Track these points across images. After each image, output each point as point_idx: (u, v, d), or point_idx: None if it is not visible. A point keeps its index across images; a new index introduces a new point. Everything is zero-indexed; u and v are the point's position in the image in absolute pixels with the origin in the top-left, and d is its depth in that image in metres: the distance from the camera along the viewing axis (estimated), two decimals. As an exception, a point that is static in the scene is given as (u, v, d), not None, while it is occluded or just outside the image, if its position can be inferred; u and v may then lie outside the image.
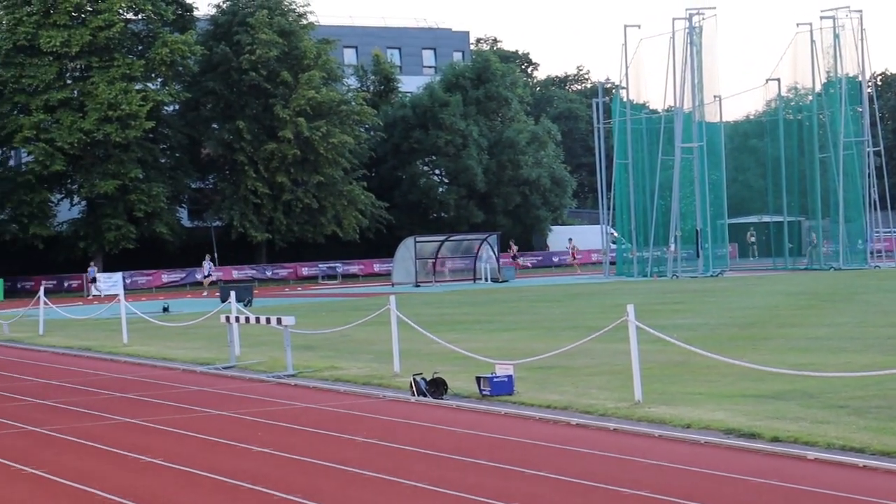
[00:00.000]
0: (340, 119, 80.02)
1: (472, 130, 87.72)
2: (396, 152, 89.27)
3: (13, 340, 34.06)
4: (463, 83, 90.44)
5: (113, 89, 70.92)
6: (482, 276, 66.63)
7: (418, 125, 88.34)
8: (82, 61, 73.23)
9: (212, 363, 24.02)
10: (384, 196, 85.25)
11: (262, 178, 77.81)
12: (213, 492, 11.51)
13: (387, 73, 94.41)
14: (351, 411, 16.82)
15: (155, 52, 73.71)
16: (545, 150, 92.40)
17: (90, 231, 74.19)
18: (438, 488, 11.18)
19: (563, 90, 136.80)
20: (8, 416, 17.55)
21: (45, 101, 71.78)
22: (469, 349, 20.70)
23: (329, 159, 78.52)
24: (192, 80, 78.82)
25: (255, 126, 78.23)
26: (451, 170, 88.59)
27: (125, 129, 71.10)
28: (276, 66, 78.16)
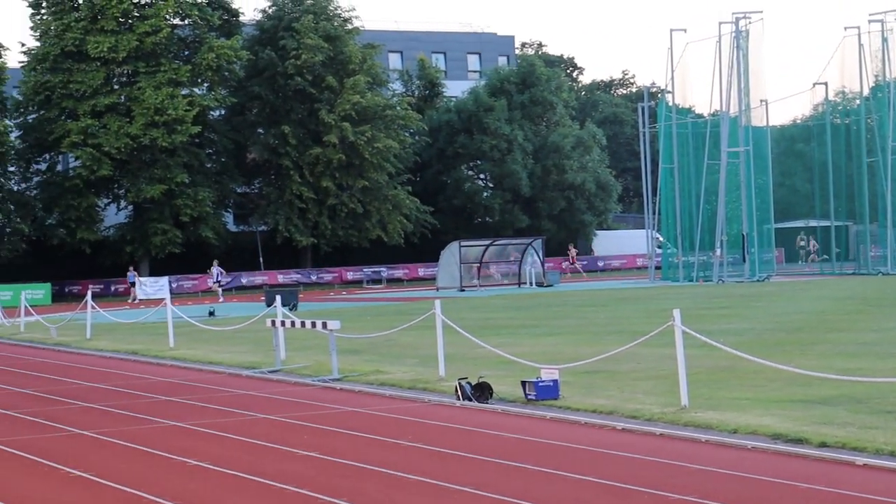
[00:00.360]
0: (385, 124, 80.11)
1: (516, 135, 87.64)
2: (441, 157, 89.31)
3: (61, 344, 34.27)
4: (508, 88, 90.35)
5: (159, 94, 71.31)
6: (527, 280, 66.56)
7: (463, 130, 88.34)
8: (129, 67, 73.66)
9: (257, 367, 24.09)
10: (429, 200, 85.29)
11: (308, 183, 78.01)
12: (259, 495, 11.54)
13: (432, 78, 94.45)
14: (396, 415, 16.82)
15: (201, 58, 74.07)
16: (590, 155, 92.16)
17: (137, 235, 74.60)
18: (483, 492, 11.17)
19: (609, 94, 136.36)
20: (57, 420, 17.66)
21: (93, 107, 72.26)
22: (514, 353, 20.66)
23: (374, 164, 78.65)
24: (237, 85, 79.12)
25: (300, 131, 78.44)
26: (495, 174, 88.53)
27: (171, 133, 71.47)
28: (322, 71, 78.35)
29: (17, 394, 21.63)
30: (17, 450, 14.95)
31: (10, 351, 33.56)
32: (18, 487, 12.44)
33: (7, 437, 16.03)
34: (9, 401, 20.45)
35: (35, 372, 26.11)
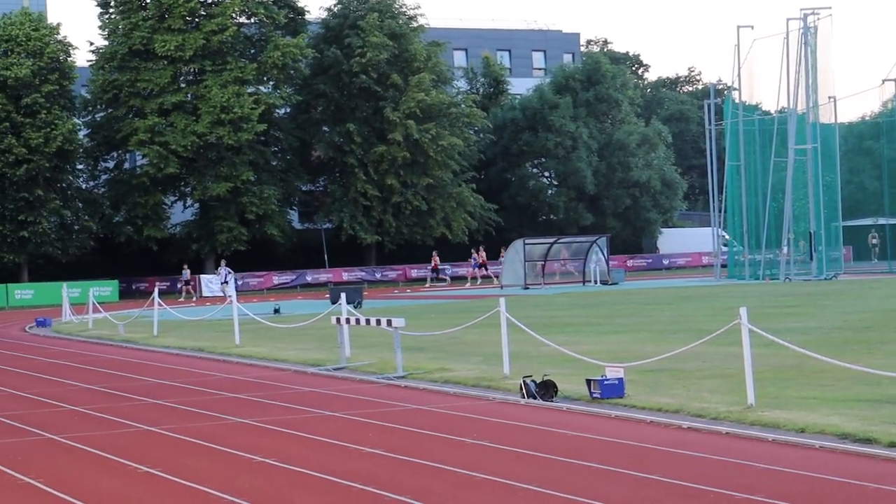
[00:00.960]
0: (450, 121, 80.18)
1: (581, 132, 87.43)
2: (506, 154, 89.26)
3: (128, 341, 34.55)
4: (573, 85, 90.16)
5: (225, 92, 71.77)
6: (591, 278, 66.36)
7: (528, 127, 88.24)
8: (196, 65, 74.17)
9: (322, 364, 24.17)
10: (493, 198, 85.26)
11: (372, 181, 78.21)
12: (325, 492, 11.57)
13: (496, 76, 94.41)
14: (461, 413, 16.82)
15: (267, 56, 74.47)
16: (656, 152, 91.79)
17: (203, 233, 75.12)
18: (549, 490, 11.14)
19: (674, 91, 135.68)
20: (124, 416, 17.81)
21: (160, 105, 72.84)
22: (579, 351, 20.61)
23: (438, 161, 78.74)
24: (303, 83, 79.45)
25: (365, 128, 78.66)
26: (560, 172, 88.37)
27: (237, 131, 71.90)
28: (387, 69, 78.52)
29: (85, 390, 21.84)
30: (85, 445, 15.09)
31: (79, 347, 33.89)
32: (87, 483, 12.55)
33: (76, 433, 16.19)
34: (78, 397, 20.65)
35: (103, 368, 26.35)
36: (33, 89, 70.09)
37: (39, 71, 70.66)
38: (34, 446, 15.30)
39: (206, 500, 11.41)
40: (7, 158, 68.97)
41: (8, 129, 69.48)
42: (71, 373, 25.47)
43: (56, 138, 69.59)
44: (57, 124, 70.08)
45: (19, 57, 70.31)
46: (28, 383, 23.44)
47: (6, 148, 68.92)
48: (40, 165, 69.63)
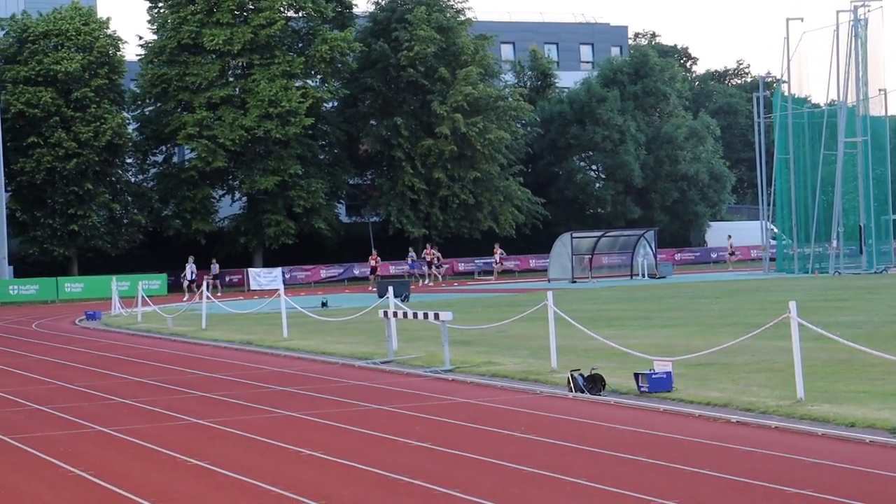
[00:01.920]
0: (497, 115, 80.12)
1: (629, 126, 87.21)
2: (553, 148, 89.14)
3: (177, 334, 34.73)
4: (621, 78, 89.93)
5: (273, 86, 72.01)
6: (639, 271, 66.17)
7: (575, 120, 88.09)
8: (244, 59, 74.47)
9: (370, 358, 24.20)
10: (540, 192, 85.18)
11: (419, 174, 78.27)
12: (373, 485, 11.59)
13: (544, 69, 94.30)
14: (508, 406, 16.81)
15: (315, 50, 74.66)
16: (704, 146, 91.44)
17: (250, 226, 75.42)
18: (597, 484, 11.11)
19: (723, 84, 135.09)
20: (173, 409, 17.90)
21: (208, 99, 73.18)
22: (626, 345, 20.55)
23: (486, 155, 78.72)
24: (350, 77, 79.59)
25: (412, 122, 78.73)
26: (607, 165, 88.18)
27: (285, 125, 72.14)
28: (434, 63, 78.54)
29: (134, 383, 21.97)
30: (135, 438, 15.18)
31: (128, 340, 34.11)
32: (137, 475, 12.62)
33: (126, 426, 16.29)
34: (127, 390, 20.77)
35: (152, 361, 26.50)
36: (83, 83, 70.58)
37: (89, 65, 71.14)
38: (84, 439, 15.40)
39: (254, 492, 11.45)
40: (57, 152, 69.49)
41: (58, 124, 69.99)
42: (120, 366, 25.62)
43: (105, 132, 70.05)
44: (106, 118, 70.55)
45: (69, 51, 70.82)
46: (78, 376, 23.60)
47: (56, 142, 69.44)
48: (90, 159, 70.12)
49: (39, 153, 69.54)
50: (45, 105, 69.42)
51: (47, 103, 69.45)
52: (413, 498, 10.92)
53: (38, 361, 27.52)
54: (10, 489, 12.10)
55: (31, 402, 19.54)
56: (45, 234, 70.82)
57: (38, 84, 70.22)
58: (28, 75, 70.16)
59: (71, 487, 12.11)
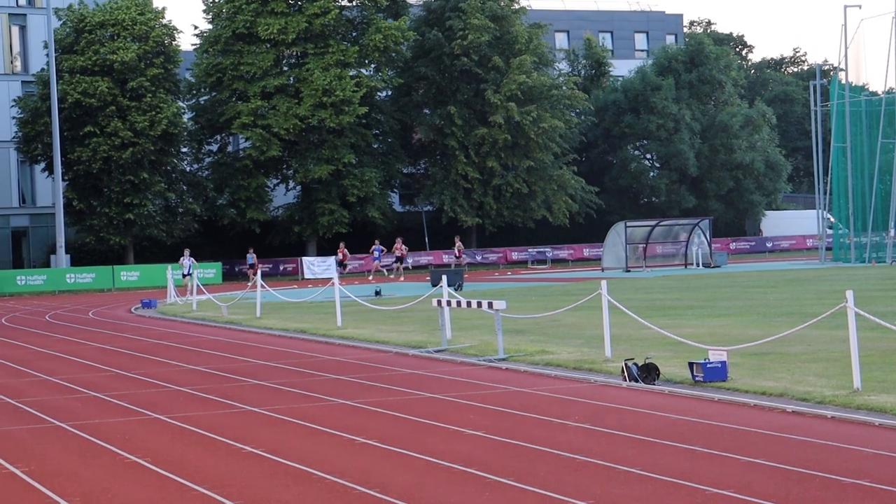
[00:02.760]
0: (551, 103, 79.99)
1: (684, 114, 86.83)
2: (607, 136, 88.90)
3: (232, 322, 34.90)
4: (676, 66, 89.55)
5: (327, 75, 72.18)
6: (694, 261, 65.87)
7: (629, 109, 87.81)
8: (298, 48, 74.70)
9: (424, 346, 24.23)
10: (594, 181, 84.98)
11: (473, 163, 78.27)
12: (426, 473, 11.61)
13: (598, 57, 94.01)
14: (562, 395, 16.79)
15: (368, 39, 74.78)
16: (759, 134, 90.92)
17: (304, 215, 75.70)
18: (651, 474, 11.09)
19: (779, 73, 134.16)
20: (229, 397, 17.99)
21: (262, 88, 73.46)
22: (681, 335, 20.47)
23: (539, 144, 78.61)
24: (404, 66, 79.68)
25: (466, 111, 78.71)
26: (662, 154, 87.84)
27: (339, 114, 72.31)
28: (488, 51, 78.47)
29: (190, 371, 22.11)
30: (191, 425, 15.28)
31: (184, 329, 34.31)
32: (193, 462, 12.70)
33: (181, 413, 16.40)
34: (182, 378, 20.91)
35: (207, 349, 26.65)
36: (139, 73, 71.01)
37: (145, 55, 71.58)
38: (140, 425, 15.52)
39: (309, 480, 11.50)
40: (113, 142, 69.97)
41: (114, 113, 70.48)
42: (176, 353, 25.79)
43: (161, 122, 70.47)
44: (162, 108, 70.96)
45: (125, 41, 71.26)
46: (134, 364, 23.78)
47: (112, 131, 69.92)
48: (145, 148, 70.58)
49: (96, 142, 70.05)
50: (101, 94, 69.90)
51: (103, 93, 69.92)
52: (467, 486, 10.93)
53: (94, 349, 27.74)
54: (68, 475, 12.21)
55: (88, 389, 19.71)
56: (101, 222, 71.35)
57: (95, 74, 70.72)
58: (85, 65, 70.66)
59: (128, 474, 12.21)
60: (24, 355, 26.68)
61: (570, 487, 10.70)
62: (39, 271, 69.53)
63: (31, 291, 65.36)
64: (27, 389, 20.01)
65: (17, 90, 77.37)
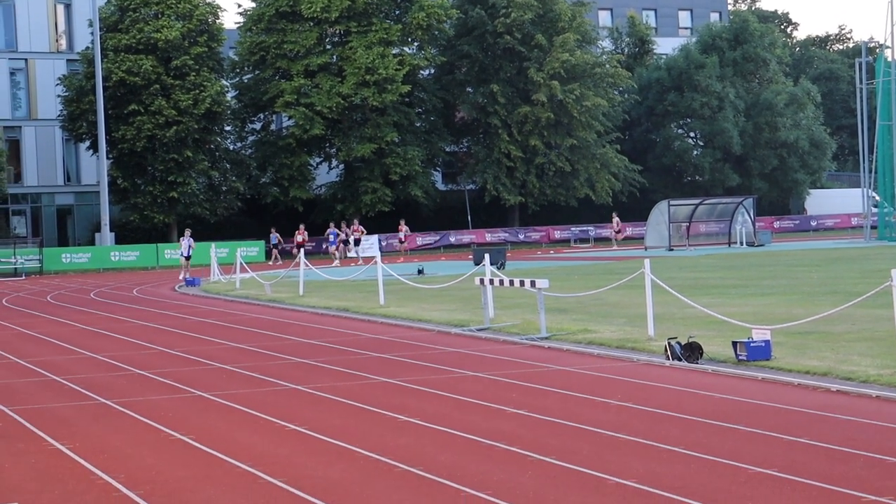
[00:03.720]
0: (594, 82, 79.75)
1: (728, 92, 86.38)
2: (650, 115, 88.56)
3: (275, 301, 35.01)
4: (720, 44, 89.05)
5: (370, 54, 72.18)
6: (737, 240, 65.58)
7: (673, 87, 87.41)
8: (341, 26, 74.69)
9: (466, 325, 24.23)
10: (637, 159, 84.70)
11: (516, 142, 78.16)
12: (469, 451, 11.62)
13: (642, 35, 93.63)
14: (605, 374, 16.76)
15: (412, 17, 74.71)
16: (804, 112, 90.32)
17: (347, 194, 75.81)
18: (694, 453, 11.05)
19: (824, 50, 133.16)
20: (271, 374, 18.07)
21: (306, 67, 73.55)
22: (724, 313, 20.38)
23: (582, 122, 78.40)
24: (447, 44, 79.59)
25: (508, 89, 78.57)
26: (706, 132, 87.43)
27: (382, 93, 72.31)
28: (531, 29, 78.26)
29: (233, 349, 22.20)
30: (234, 403, 15.35)
31: (227, 307, 34.46)
32: (237, 440, 12.76)
33: (225, 391, 16.47)
34: (226, 355, 21.00)
35: (250, 327, 26.75)
36: (183, 51, 71.21)
37: (189, 33, 71.77)
38: (184, 403, 15.60)
39: (352, 458, 11.53)
40: (157, 120, 70.23)
41: (158, 91, 70.72)
42: (219, 331, 25.91)
43: (205, 100, 70.67)
44: (205, 86, 71.15)
45: (169, 19, 71.44)
46: (178, 341, 23.90)
47: (156, 110, 70.18)
48: (189, 127, 70.80)
49: (140, 121, 70.33)
50: (145, 73, 70.15)
51: (147, 71, 70.16)
52: (509, 465, 10.93)
53: (139, 327, 27.91)
54: (113, 452, 12.29)
55: (132, 366, 19.83)
56: (145, 201, 71.69)
57: (139, 52, 70.97)
58: (129, 43, 70.92)
59: (172, 451, 12.28)
60: (69, 333, 26.88)
61: (612, 466, 10.68)
62: (84, 249, 69.99)
63: (75, 269, 65.79)
64: (73, 367, 20.16)
65: (62, 69, 77.78)
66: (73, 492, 10.58)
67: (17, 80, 79.25)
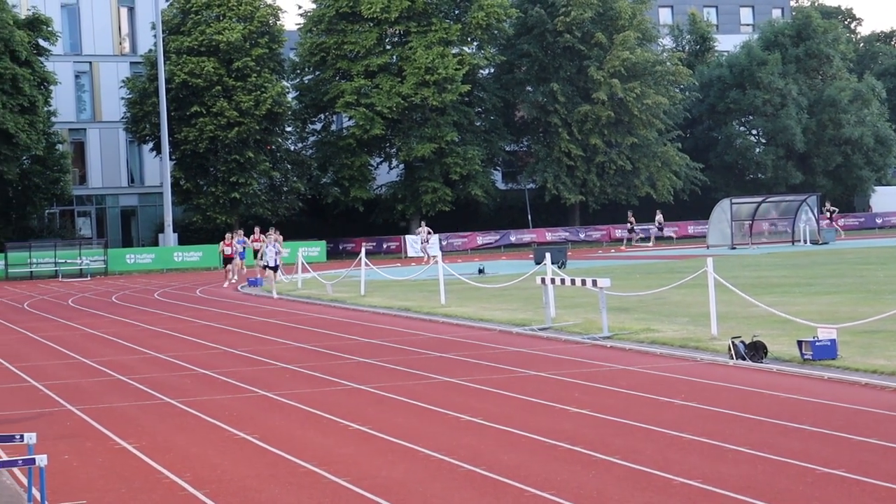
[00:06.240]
0: (655, 80, 79.40)
1: (790, 89, 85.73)
2: (712, 112, 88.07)
3: (336, 300, 35.10)
4: (782, 41, 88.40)
5: (430, 54, 72.25)
6: (801, 237, 65.05)
7: (735, 85, 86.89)
8: (401, 27, 74.81)
9: (527, 324, 24.19)
10: (699, 157, 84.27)
11: (576, 140, 77.98)
12: (532, 451, 11.59)
13: (703, 33, 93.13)
14: (667, 374, 16.68)
15: (471, 16, 74.72)
16: (869, 109, 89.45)
17: (407, 193, 75.92)
18: (760, 453, 10.98)
19: (889, 46, 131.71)
20: (334, 374, 18.12)
21: (366, 67, 73.73)
22: (789, 312, 20.23)
23: (643, 120, 78.11)
24: (506, 43, 79.53)
25: (568, 88, 78.40)
26: (768, 130, 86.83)
27: (442, 92, 72.37)
28: (591, 28, 78.05)
29: (295, 348, 22.28)
30: (297, 402, 15.40)
31: (289, 307, 34.58)
32: (300, 439, 12.81)
33: (288, 390, 16.54)
34: (288, 355, 21.08)
35: (312, 327, 26.84)
36: (244, 53, 71.57)
37: (250, 35, 72.12)
38: (248, 403, 15.68)
39: (414, 457, 11.54)
40: (219, 121, 70.63)
41: (220, 93, 71.13)
42: (281, 331, 26.01)
43: (266, 101, 70.99)
44: (267, 87, 71.48)
45: (231, 21, 71.83)
46: (241, 341, 24.02)
47: (218, 111, 70.58)
48: (251, 128, 71.14)
49: (202, 122, 70.76)
50: (207, 75, 70.57)
51: (209, 73, 70.59)
52: (572, 465, 10.90)
53: (202, 327, 28.08)
54: (178, 451, 12.38)
55: (197, 366, 19.95)
56: (207, 201, 72.12)
57: (201, 54, 71.41)
58: (191, 45, 71.38)
59: (236, 450, 12.34)
60: (134, 332, 27.08)
61: (676, 466, 10.63)
62: (148, 250, 70.55)
63: (139, 270, 66.31)
64: (138, 366, 20.31)
65: (125, 71, 78.46)
66: (139, 490, 10.66)
67: (81, 83, 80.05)
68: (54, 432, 13.80)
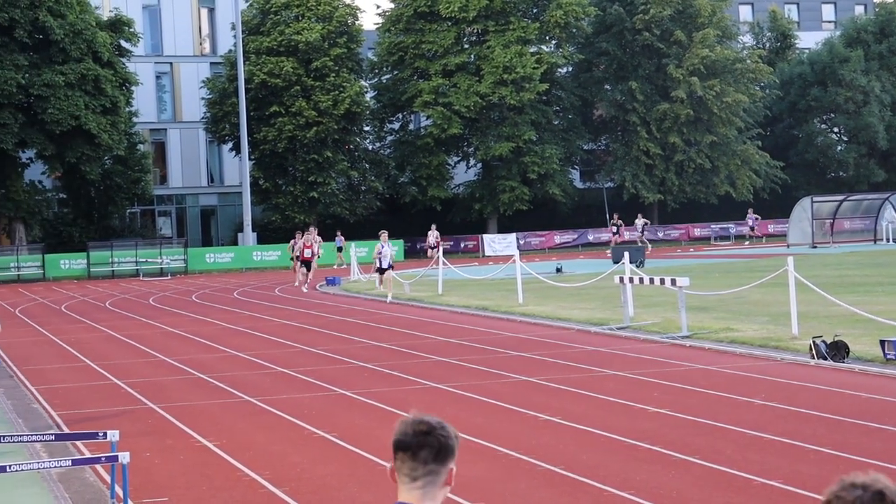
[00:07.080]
0: (735, 77, 78.80)
1: (873, 86, 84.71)
2: (793, 110, 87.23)
3: (414, 299, 35.17)
4: (865, 37, 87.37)
5: (508, 52, 72.19)
6: (884, 236, 64.30)
7: (816, 82, 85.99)
8: (479, 25, 74.79)
9: (605, 324, 24.12)
10: (779, 155, 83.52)
11: (654, 139, 77.58)
12: (611, 451, 11.57)
13: (784, 30, 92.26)
14: (747, 373, 16.56)
15: (549, 15, 74.56)
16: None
17: (485, 193, 75.90)
18: (841, 453, 10.87)
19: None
20: (412, 373, 18.16)
21: (444, 66, 73.78)
22: (871, 311, 20.01)
23: (722, 118, 77.55)
24: (584, 42, 79.27)
25: (647, 86, 78.01)
26: (850, 127, 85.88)
27: (520, 91, 72.28)
28: (670, 25, 77.61)
29: (375, 347, 22.35)
30: (375, 401, 15.46)
31: (366, 305, 34.71)
32: (379, 437, 12.83)
33: (366, 389, 16.60)
34: (369, 354, 21.16)
35: (390, 326, 26.92)
36: (322, 53, 71.87)
37: (328, 35, 72.40)
38: (327, 401, 15.75)
39: (493, 456, 11.55)
40: (298, 121, 70.99)
41: (299, 93, 71.48)
42: (359, 330, 26.11)
43: (344, 101, 71.25)
44: (345, 87, 71.73)
45: (310, 21, 72.16)
46: (319, 340, 24.14)
47: (297, 111, 70.94)
48: (329, 128, 71.43)
49: (281, 122, 71.16)
50: (286, 75, 70.96)
51: (288, 73, 70.97)
52: (652, 464, 10.86)
53: (281, 325, 28.25)
54: (258, 449, 12.47)
55: (276, 364, 20.08)
56: (286, 201, 72.52)
57: (280, 54, 71.80)
58: (270, 46, 71.79)
59: (316, 448, 12.41)
60: (213, 331, 27.31)
61: (757, 466, 10.55)
62: (227, 249, 71.08)
63: (219, 269, 66.82)
64: (217, 365, 20.48)
65: (205, 71, 79.11)
66: (220, 488, 10.76)
67: (162, 84, 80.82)
68: (136, 430, 13.95)
